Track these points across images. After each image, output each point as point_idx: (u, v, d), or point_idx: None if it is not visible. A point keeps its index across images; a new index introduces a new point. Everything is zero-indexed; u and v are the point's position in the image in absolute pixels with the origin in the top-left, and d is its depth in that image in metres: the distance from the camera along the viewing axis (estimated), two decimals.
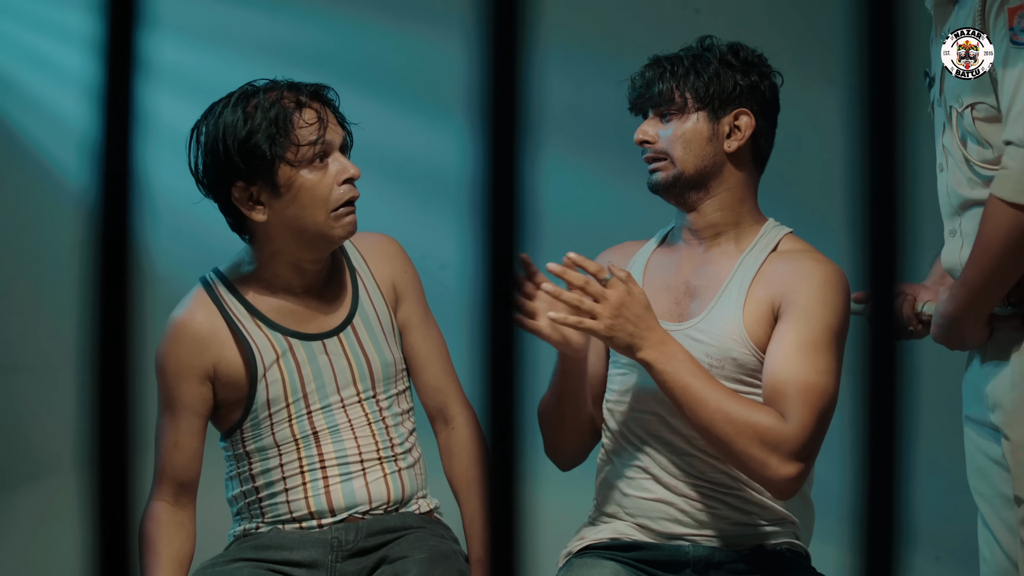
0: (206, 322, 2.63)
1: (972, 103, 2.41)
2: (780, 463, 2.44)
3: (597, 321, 2.42)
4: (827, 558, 2.78)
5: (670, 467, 2.59)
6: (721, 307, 2.60)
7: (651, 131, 2.66)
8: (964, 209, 2.47)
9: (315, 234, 2.58)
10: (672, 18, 4.30)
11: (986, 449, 2.53)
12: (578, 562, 2.62)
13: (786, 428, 2.44)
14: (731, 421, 2.43)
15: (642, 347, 2.44)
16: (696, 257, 2.68)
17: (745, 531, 2.58)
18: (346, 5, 4.51)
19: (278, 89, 2.60)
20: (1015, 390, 2.42)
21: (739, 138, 2.65)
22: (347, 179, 2.57)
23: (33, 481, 4.45)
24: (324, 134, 2.56)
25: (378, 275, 2.72)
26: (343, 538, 2.60)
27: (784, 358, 2.49)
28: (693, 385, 2.44)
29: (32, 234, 4.48)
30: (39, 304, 4.46)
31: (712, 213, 2.66)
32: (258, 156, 2.54)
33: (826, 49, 4.23)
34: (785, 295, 2.56)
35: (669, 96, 2.64)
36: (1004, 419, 2.43)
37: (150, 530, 2.59)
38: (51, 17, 4.45)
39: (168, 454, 2.61)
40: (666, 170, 2.64)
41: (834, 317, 2.54)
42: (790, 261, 2.62)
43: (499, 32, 1.07)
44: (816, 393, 2.47)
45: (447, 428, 2.75)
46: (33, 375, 4.46)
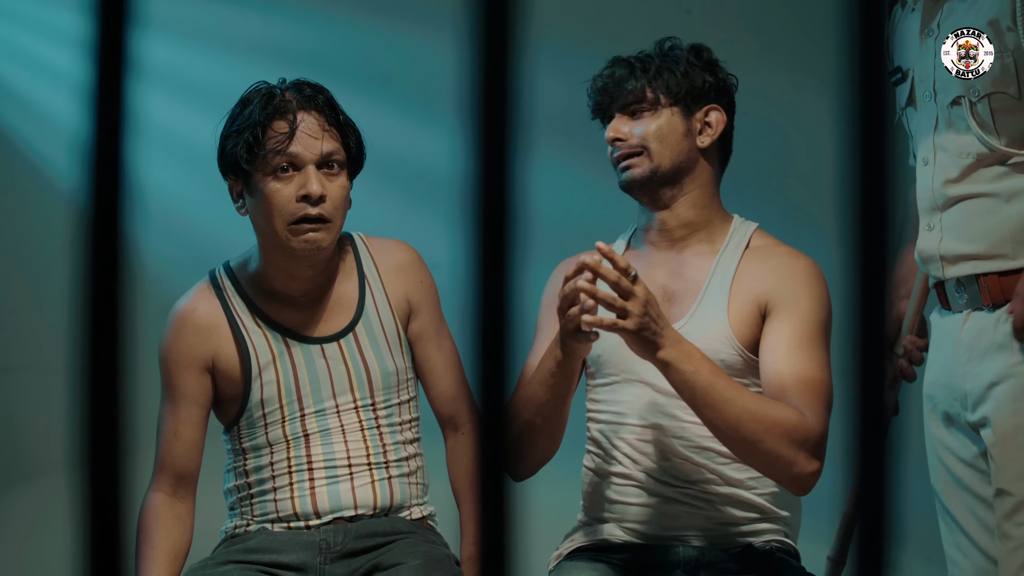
0: (207, 314, 2.65)
1: (989, 93, 2.41)
2: (807, 460, 2.42)
3: (629, 320, 2.35)
4: (818, 558, 2.79)
5: (654, 472, 2.59)
6: (704, 309, 2.59)
7: (624, 128, 2.66)
8: (948, 206, 2.48)
9: (279, 244, 2.59)
10: (664, 19, 4.31)
11: (958, 451, 2.52)
12: (568, 565, 2.62)
13: (810, 423, 2.42)
14: (758, 419, 2.39)
15: (663, 345, 2.37)
16: (669, 260, 2.67)
17: (732, 529, 2.58)
18: (338, 6, 4.52)
19: (272, 93, 2.60)
20: (1000, 385, 2.42)
21: (711, 134, 2.66)
22: (304, 195, 2.55)
23: (26, 481, 4.44)
24: (288, 146, 2.55)
25: (389, 286, 2.72)
26: (331, 540, 2.60)
27: (786, 354, 2.49)
28: (717, 384, 2.38)
29: (23, 234, 4.47)
30: (31, 304, 4.46)
31: (686, 211, 2.66)
32: (234, 157, 2.58)
33: (817, 50, 4.24)
34: (771, 294, 2.56)
35: (641, 94, 2.65)
36: (989, 414, 2.43)
37: (148, 521, 2.60)
38: (42, 17, 4.45)
39: (168, 444, 2.63)
40: (641, 165, 2.64)
41: (822, 311, 2.55)
42: (767, 258, 2.62)
43: (490, 33, 1.07)
44: (823, 387, 2.47)
45: (456, 433, 2.75)
46: (25, 375, 4.46)
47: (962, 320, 2.48)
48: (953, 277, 2.48)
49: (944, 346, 2.53)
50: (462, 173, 1.08)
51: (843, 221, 1.09)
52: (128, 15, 1.06)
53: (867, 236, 1.08)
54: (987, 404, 2.43)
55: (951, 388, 2.50)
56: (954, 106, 2.47)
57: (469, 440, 2.72)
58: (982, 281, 2.44)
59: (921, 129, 2.54)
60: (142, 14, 1.08)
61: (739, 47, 4.12)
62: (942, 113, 2.49)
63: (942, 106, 2.49)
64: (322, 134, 2.58)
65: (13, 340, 4.48)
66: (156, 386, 2.65)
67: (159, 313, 2.70)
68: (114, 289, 1.06)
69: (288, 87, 2.62)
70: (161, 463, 2.64)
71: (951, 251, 2.48)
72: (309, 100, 2.59)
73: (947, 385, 2.52)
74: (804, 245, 2.71)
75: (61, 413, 4.24)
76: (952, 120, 2.47)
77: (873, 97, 1.08)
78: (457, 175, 3.21)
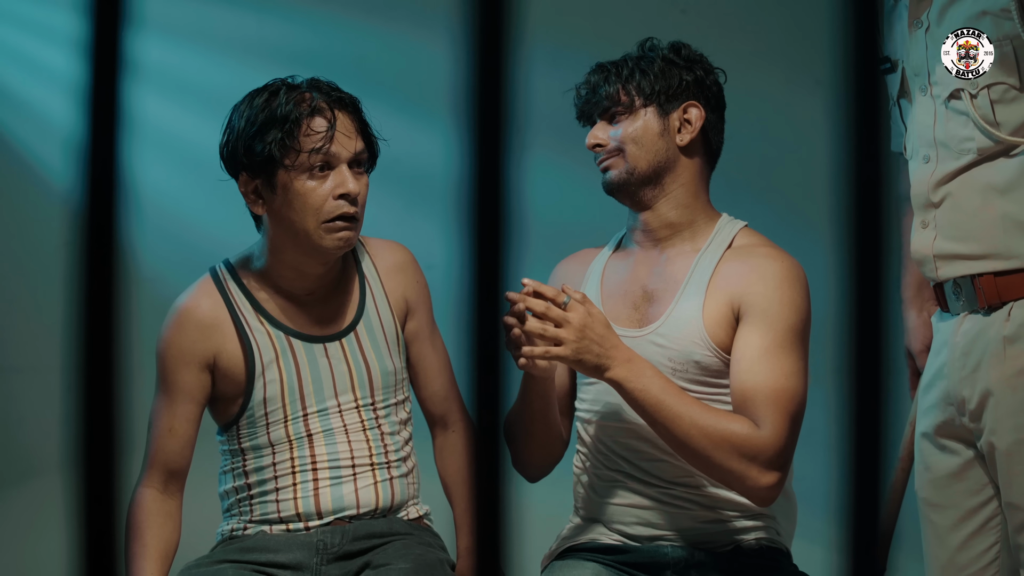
0: (210, 311, 2.64)
1: (988, 84, 2.40)
2: (760, 473, 2.42)
3: (563, 347, 2.39)
4: (812, 558, 2.79)
5: (641, 474, 2.59)
6: (680, 310, 2.59)
7: (602, 134, 2.67)
8: (943, 202, 2.46)
9: (306, 241, 2.58)
10: (658, 18, 4.31)
11: (943, 462, 2.51)
12: (559, 564, 2.62)
13: (762, 437, 2.42)
14: (707, 435, 2.40)
15: (610, 367, 2.41)
16: (651, 260, 2.67)
17: (720, 528, 2.58)
18: (333, 6, 4.52)
19: (301, 90, 2.59)
20: (998, 397, 2.41)
21: (690, 131, 2.66)
22: (343, 194, 2.56)
23: (22, 481, 4.44)
24: (328, 145, 2.55)
25: (388, 286, 2.72)
26: (329, 541, 2.60)
27: (750, 364, 2.47)
28: (665, 402, 2.41)
29: (18, 235, 4.47)
30: (26, 305, 4.45)
31: (668, 211, 2.66)
32: (259, 155, 2.55)
33: (812, 49, 4.24)
34: (744, 296, 2.54)
35: (616, 97, 2.65)
36: (990, 428, 2.41)
37: (138, 519, 2.59)
38: (37, 17, 4.44)
39: (162, 439, 2.62)
40: (617, 167, 2.64)
41: (795, 315, 2.52)
42: (745, 258, 2.60)
43: (485, 33, 1.07)
44: (786, 397, 2.45)
45: (446, 431, 2.77)
46: (21, 376, 4.45)
47: (958, 323, 2.47)
48: (947, 278, 2.47)
49: (941, 350, 2.52)
50: (457, 173, 1.08)
51: (837, 220, 1.10)
52: (123, 15, 1.06)
53: (861, 235, 1.08)
54: (986, 416, 2.42)
55: (947, 394, 2.48)
56: (952, 100, 2.45)
57: (460, 438, 2.74)
58: (977, 282, 2.42)
59: (918, 124, 2.51)
60: (137, 14, 1.08)
61: (734, 47, 4.12)
62: (940, 108, 2.47)
63: (940, 100, 2.47)
64: (355, 134, 2.59)
65: (8, 340, 4.47)
66: (152, 386, 2.64)
67: (154, 313, 2.70)
68: (109, 289, 1.06)
69: (307, 87, 2.61)
70: (153, 459, 2.62)
71: (944, 251, 2.46)
72: (340, 101, 2.60)
73: (943, 390, 2.50)
74: (798, 244, 2.71)
75: (57, 413, 4.23)
76: (951, 114, 2.45)
77: (868, 97, 1.08)
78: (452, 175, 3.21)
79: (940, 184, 2.46)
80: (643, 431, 2.56)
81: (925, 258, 2.49)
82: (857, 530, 1.10)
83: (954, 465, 2.49)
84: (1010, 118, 2.39)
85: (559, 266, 2.81)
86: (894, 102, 2.60)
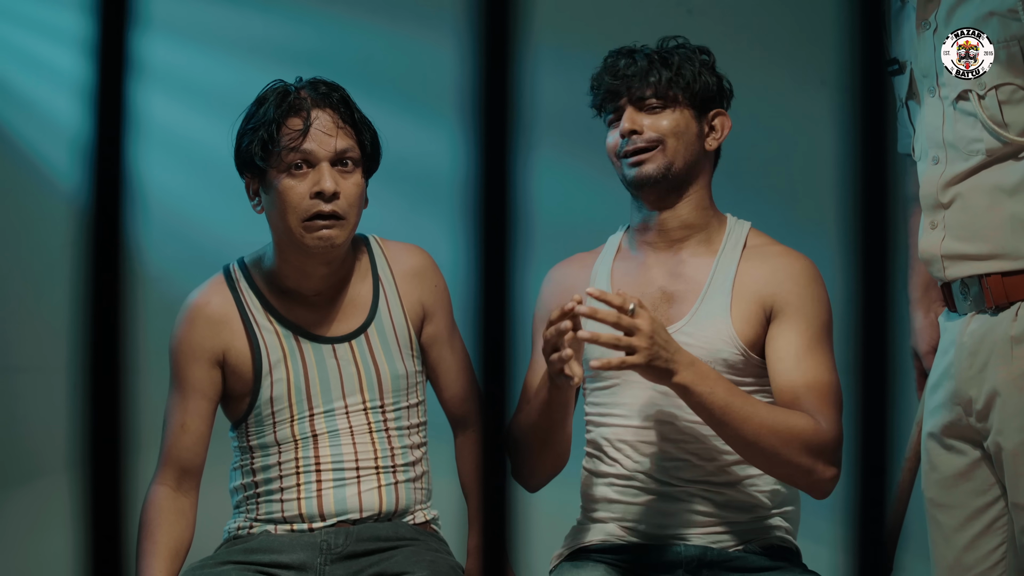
0: (220, 308, 2.65)
1: (996, 85, 2.40)
2: (825, 467, 2.45)
3: (638, 355, 2.34)
4: (819, 558, 2.78)
5: (655, 472, 2.58)
6: (706, 309, 2.59)
7: (642, 120, 2.64)
8: (952, 202, 2.46)
9: (290, 240, 2.59)
10: (665, 19, 4.30)
11: (950, 462, 2.51)
12: (568, 565, 2.61)
13: (825, 431, 2.45)
14: (776, 433, 2.42)
15: (677, 371, 2.37)
16: (666, 261, 2.66)
17: (733, 528, 2.58)
18: (338, 6, 4.52)
19: (287, 91, 2.61)
20: (1005, 397, 2.40)
21: (717, 138, 2.66)
22: (318, 192, 2.56)
23: (27, 482, 4.44)
24: (302, 143, 2.57)
25: (403, 290, 2.72)
26: (332, 542, 2.59)
27: (796, 361, 2.50)
28: (733, 403, 2.40)
29: (25, 235, 4.47)
30: (32, 304, 4.46)
31: (688, 213, 2.65)
32: (249, 155, 2.59)
33: (818, 50, 4.23)
34: (776, 296, 2.56)
35: (664, 87, 2.62)
36: (996, 428, 2.41)
37: (150, 516, 2.59)
38: (43, 17, 4.45)
39: (175, 436, 2.62)
40: (655, 160, 2.61)
41: (826, 312, 2.57)
42: (766, 258, 2.62)
43: (491, 33, 1.07)
44: (834, 391, 2.49)
45: (466, 432, 2.78)
46: (27, 376, 4.46)
47: (965, 323, 2.47)
48: (955, 278, 2.47)
49: (948, 350, 2.52)
50: (463, 173, 1.08)
51: (843, 221, 1.09)
52: (129, 15, 1.06)
53: (867, 236, 1.08)
54: (993, 416, 2.42)
55: (954, 394, 2.48)
56: (960, 101, 2.45)
57: (478, 438, 2.74)
58: (985, 282, 2.42)
59: (927, 125, 2.50)
60: (143, 14, 1.08)
61: (739, 47, 4.13)
62: (948, 109, 2.46)
63: (948, 101, 2.46)
64: (336, 131, 2.59)
65: (14, 340, 4.48)
66: (158, 386, 2.64)
67: (160, 313, 2.70)
68: (115, 289, 1.06)
69: (304, 85, 2.63)
70: (167, 456, 2.63)
71: (952, 251, 2.46)
72: (324, 97, 2.60)
73: (950, 390, 2.49)
74: (804, 245, 2.71)
75: (62, 413, 4.23)
76: (960, 116, 2.44)
77: (874, 97, 1.08)
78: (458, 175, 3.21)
79: (949, 185, 2.45)
80: (659, 431, 2.56)
81: (933, 258, 2.49)
82: (863, 530, 1.09)
83: (961, 465, 2.49)
84: (1018, 119, 2.39)
85: (555, 271, 2.78)
86: (902, 104, 2.60)
